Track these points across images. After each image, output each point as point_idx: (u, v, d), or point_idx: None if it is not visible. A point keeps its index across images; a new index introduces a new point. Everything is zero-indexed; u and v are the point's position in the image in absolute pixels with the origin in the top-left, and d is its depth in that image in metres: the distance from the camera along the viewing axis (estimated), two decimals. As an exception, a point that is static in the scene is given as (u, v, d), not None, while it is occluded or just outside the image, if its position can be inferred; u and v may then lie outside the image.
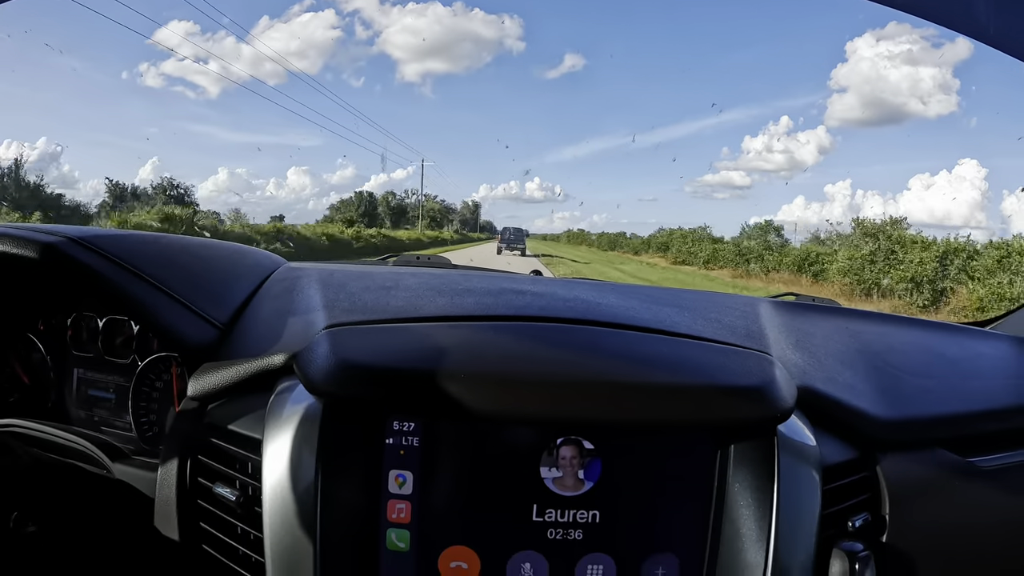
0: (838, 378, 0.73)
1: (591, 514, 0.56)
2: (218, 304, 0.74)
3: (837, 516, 0.62)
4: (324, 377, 0.55)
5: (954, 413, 0.75)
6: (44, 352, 0.85)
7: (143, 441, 0.79)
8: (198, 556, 0.60)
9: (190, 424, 0.64)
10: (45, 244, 0.64)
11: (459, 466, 0.56)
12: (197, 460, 0.61)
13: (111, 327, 0.82)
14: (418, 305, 0.74)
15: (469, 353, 0.58)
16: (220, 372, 0.64)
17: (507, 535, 0.56)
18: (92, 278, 0.66)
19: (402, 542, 0.56)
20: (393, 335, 0.61)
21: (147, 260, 0.70)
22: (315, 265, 0.96)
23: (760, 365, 0.61)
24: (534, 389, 0.55)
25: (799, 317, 0.90)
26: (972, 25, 0.80)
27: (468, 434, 0.56)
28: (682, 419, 0.57)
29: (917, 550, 0.65)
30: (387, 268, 1.02)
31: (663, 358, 0.62)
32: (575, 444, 0.56)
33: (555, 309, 0.73)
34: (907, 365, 0.81)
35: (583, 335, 0.65)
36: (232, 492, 0.58)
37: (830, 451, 0.64)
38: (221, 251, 0.87)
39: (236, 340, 0.71)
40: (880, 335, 0.89)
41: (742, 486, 0.57)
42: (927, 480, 0.68)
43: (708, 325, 0.77)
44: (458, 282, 0.85)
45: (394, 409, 0.56)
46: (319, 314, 0.71)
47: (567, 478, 0.56)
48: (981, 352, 0.93)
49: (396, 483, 0.56)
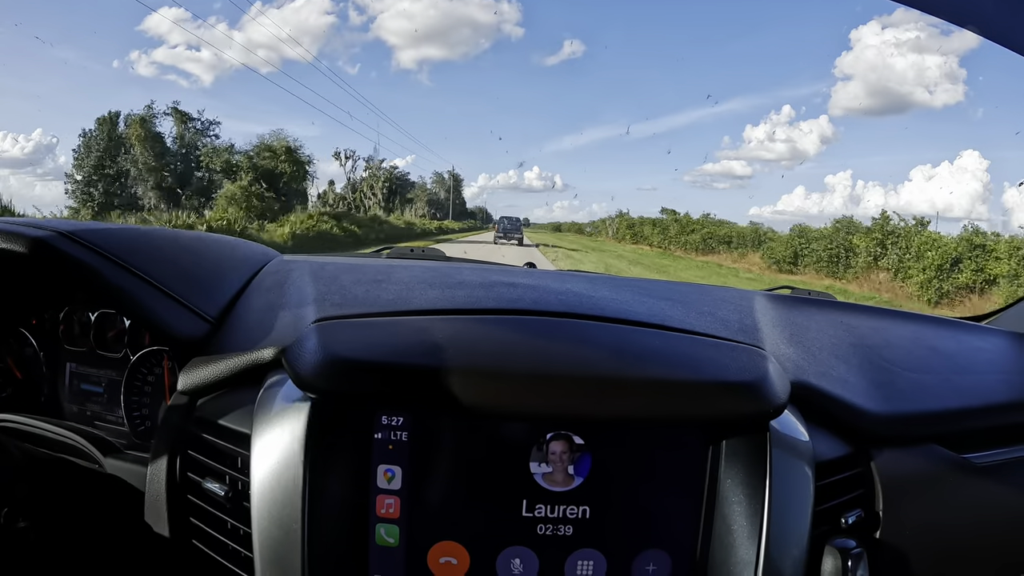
0: (832, 373, 0.72)
1: (581, 509, 0.56)
2: (208, 297, 0.74)
3: (830, 512, 0.61)
4: (312, 372, 0.55)
5: (949, 409, 0.74)
6: (37, 347, 0.85)
7: (135, 435, 0.79)
8: (188, 551, 0.60)
9: (180, 419, 0.63)
10: (33, 238, 0.64)
11: (448, 461, 0.56)
12: (187, 455, 0.61)
13: (103, 321, 0.82)
14: (409, 298, 0.73)
15: (459, 347, 0.57)
16: (210, 366, 0.64)
17: (497, 530, 0.56)
18: (81, 272, 0.66)
19: (391, 537, 0.55)
20: (382, 329, 0.61)
21: (137, 253, 0.70)
22: (307, 257, 0.96)
23: (753, 360, 0.61)
24: (524, 384, 0.55)
25: (794, 311, 0.89)
26: (977, 19, 0.79)
27: (458, 429, 0.56)
28: (674, 414, 0.57)
29: (910, 547, 0.65)
30: (380, 261, 1.02)
31: (655, 352, 0.61)
32: (565, 439, 0.56)
33: (547, 302, 0.73)
34: (902, 360, 0.80)
35: (575, 329, 0.65)
36: (221, 487, 0.58)
37: (823, 447, 0.63)
38: (212, 244, 0.87)
39: (226, 334, 0.71)
40: (875, 329, 0.89)
41: (734, 482, 0.57)
42: (921, 476, 0.68)
43: (701, 319, 0.77)
44: (450, 275, 0.84)
45: (382, 404, 0.56)
46: (309, 308, 0.71)
47: (557, 473, 0.56)
48: (977, 347, 0.93)
49: (385, 478, 0.55)
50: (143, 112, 20.83)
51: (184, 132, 21.41)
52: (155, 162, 20.33)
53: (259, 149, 20.47)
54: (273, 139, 20.68)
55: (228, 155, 20.78)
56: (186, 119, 21.43)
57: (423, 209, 30.90)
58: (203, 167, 20.83)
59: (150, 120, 20.94)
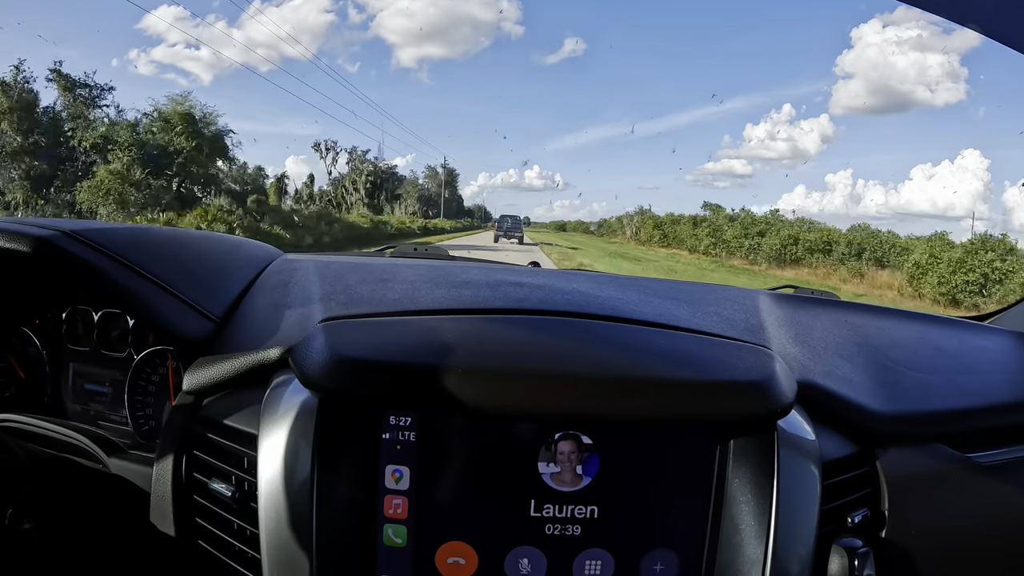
0: (837, 372, 0.72)
1: (589, 509, 0.56)
2: (213, 297, 0.74)
3: (836, 512, 0.61)
4: (319, 371, 0.54)
5: (954, 408, 0.74)
6: (40, 346, 0.84)
7: (139, 435, 0.79)
8: (194, 552, 0.59)
9: (185, 419, 0.63)
10: (37, 238, 0.64)
11: (457, 461, 0.56)
12: (193, 455, 0.61)
13: (106, 321, 0.81)
14: (415, 297, 0.73)
15: (467, 347, 0.57)
16: (215, 366, 0.64)
17: (505, 530, 0.56)
18: (85, 271, 0.65)
19: (399, 538, 0.55)
20: (390, 328, 0.61)
21: (141, 253, 0.70)
22: (312, 257, 0.96)
23: (760, 360, 0.61)
24: (532, 383, 0.55)
25: (798, 310, 0.89)
26: (979, 18, 0.79)
27: (465, 429, 0.56)
28: (681, 414, 0.57)
29: (916, 546, 0.65)
30: (385, 260, 1.02)
31: (662, 352, 0.61)
32: (573, 439, 0.56)
33: (553, 302, 0.73)
34: (907, 359, 0.80)
35: (582, 329, 0.64)
36: (228, 487, 0.58)
37: (829, 446, 0.63)
38: (216, 243, 0.86)
39: (231, 333, 0.71)
40: (880, 329, 0.89)
41: (741, 481, 0.57)
42: (926, 476, 0.68)
43: (707, 318, 0.77)
44: (456, 274, 0.84)
45: (390, 404, 0.55)
46: (315, 307, 0.70)
47: (565, 473, 0.56)
48: (981, 347, 0.93)
49: (393, 478, 0.55)
50: (7, 75, 14.31)
51: (70, 102, 15.13)
52: (23, 142, 14.17)
53: (150, 121, 15.09)
54: (171, 105, 15.06)
55: (107, 129, 14.77)
56: (71, 85, 15.18)
57: (414, 206, 27.67)
58: (78, 146, 14.55)
59: (15, 87, 14.36)
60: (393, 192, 26.77)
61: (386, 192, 26.14)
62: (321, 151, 24.29)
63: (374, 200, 25.28)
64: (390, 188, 26.47)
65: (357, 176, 24.82)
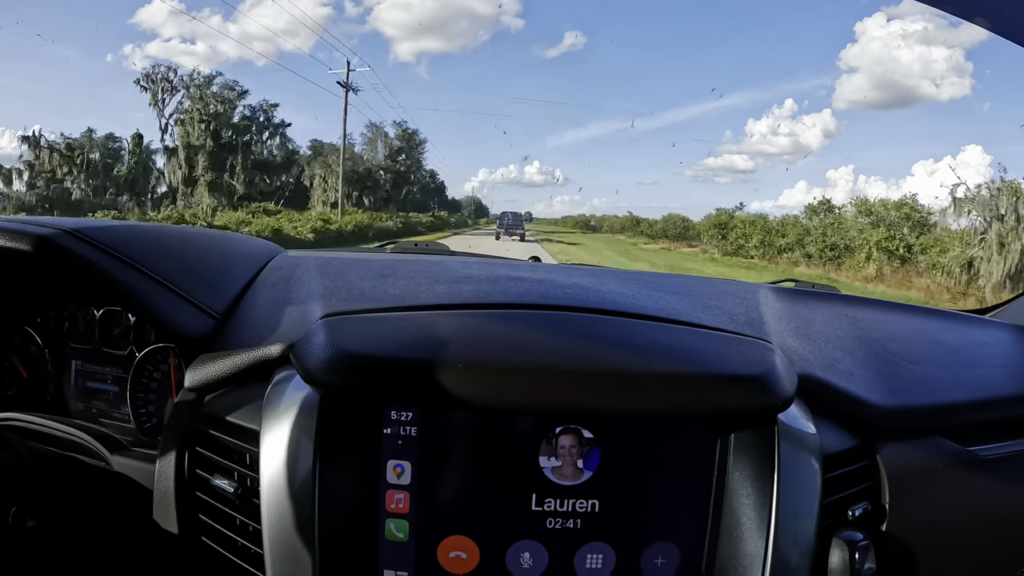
0: (838, 366, 0.72)
1: (590, 503, 0.56)
2: (214, 294, 0.74)
3: (837, 505, 0.61)
4: (321, 367, 0.55)
5: (954, 402, 0.74)
6: (42, 344, 0.85)
7: (142, 432, 0.79)
8: (197, 548, 0.60)
9: (187, 415, 0.63)
10: (39, 237, 0.64)
11: (458, 456, 0.56)
12: (195, 452, 0.61)
13: (108, 318, 0.82)
14: (416, 293, 0.73)
15: (467, 342, 0.57)
16: (217, 363, 0.64)
17: (506, 525, 0.56)
18: (87, 269, 0.66)
19: (401, 532, 0.55)
20: (390, 324, 0.61)
21: (142, 250, 0.70)
22: (312, 253, 0.96)
23: (761, 353, 0.61)
24: (533, 378, 0.55)
25: (799, 303, 0.89)
26: (985, 13, 0.79)
27: (467, 423, 0.56)
28: (682, 408, 0.57)
29: (917, 539, 0.65)
30: (385, 255, 1.02)
31: (663, 346, 0.61)
32: (574, 433, 0.56)
33: (554, 296, 0.73)
34: (907, 353, 0.80)
35: (582, 323, 0.65)
36: (230, 484, 0.58)
37: (830, 439, 0.63)
38: (217, 240, 0.87)
39: (233, 330, 0.71)
40: (880, 322, 0.89)
41: (742, 475, 0.57)
42: (927, 469, 0.68)
43: (708, 312, 0.77)
44: (456, 269, 0.84)
45: (392, 399, 0.56)
46: (316, 303, 0.71)
47: (566, 467, 0.56)
48: (982, 340, 0.93)
49: (394, 473, 0.55)
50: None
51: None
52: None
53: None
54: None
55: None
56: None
57: (333, 190, 16.14)
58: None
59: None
60: (273, 162, 15.43)
61: (243, 158, 14.09)
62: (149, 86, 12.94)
63: (229, 178, 14.03)
64: (265, 159, 14.79)
65: (189, 118, 13.50)
